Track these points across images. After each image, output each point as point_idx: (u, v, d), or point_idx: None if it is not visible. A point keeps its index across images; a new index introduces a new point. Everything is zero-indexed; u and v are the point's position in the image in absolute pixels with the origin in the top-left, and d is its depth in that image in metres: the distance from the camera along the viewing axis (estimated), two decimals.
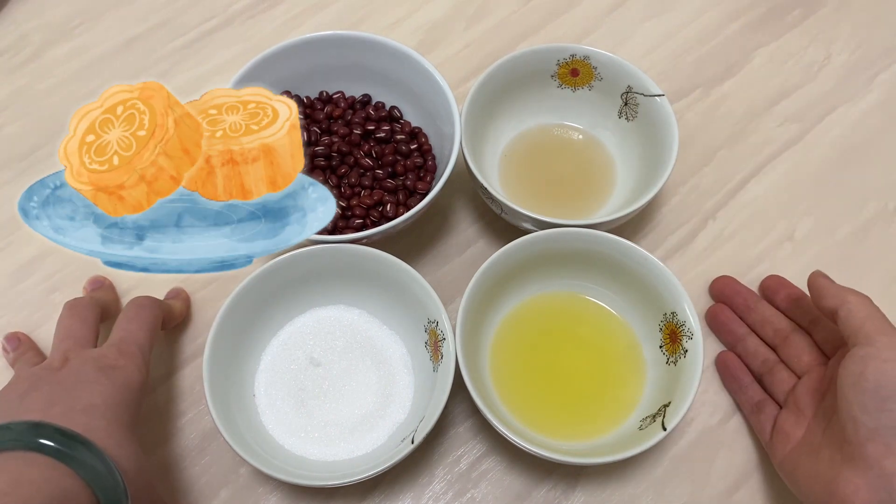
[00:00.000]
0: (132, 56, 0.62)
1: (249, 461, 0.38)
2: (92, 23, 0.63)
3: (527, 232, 0.45)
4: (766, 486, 0.45)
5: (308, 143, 0.50)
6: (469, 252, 0.53)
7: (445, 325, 0.42)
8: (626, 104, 0.52)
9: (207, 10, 0.64)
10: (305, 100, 0.53)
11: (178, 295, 0.50)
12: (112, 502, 0.34)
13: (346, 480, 0.39)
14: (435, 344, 0.43)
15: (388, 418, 0.44)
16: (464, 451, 0.46)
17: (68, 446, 0.33)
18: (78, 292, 0.50)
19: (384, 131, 0.51)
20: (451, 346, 0.41)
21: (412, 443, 0.39)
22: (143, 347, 0.43)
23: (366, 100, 0.54)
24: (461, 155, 0.48)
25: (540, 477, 0.45)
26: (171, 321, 0.48)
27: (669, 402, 0.41)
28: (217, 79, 0.60)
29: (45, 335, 0.49)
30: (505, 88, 0.52)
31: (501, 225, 0.53)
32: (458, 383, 0.41)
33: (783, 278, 0.49)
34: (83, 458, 0.33)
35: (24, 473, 0.32)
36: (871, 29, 0.63)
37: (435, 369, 0.43)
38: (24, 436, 0.33)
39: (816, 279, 0.43)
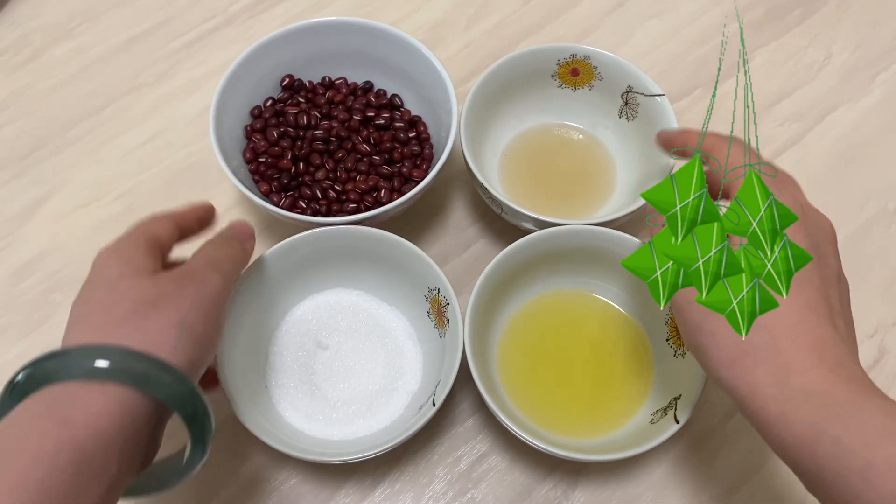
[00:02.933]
0: (132, 56, 0.62)
1: (281, 449, 0.39)
2: (92, 23, 0.63)
3: (527, 232, 0.45)
4: (766, 486, 0.45)
5: (307, 127, 0.51)
6: (469, 252, 0.53)
7: (447, 290, 0.42)
8: (626, 104, 0.52)
9: (207, 10, 0.64)
10: (308, 84, 0.54)
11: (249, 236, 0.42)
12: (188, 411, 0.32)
13: (374, 451, 0.39)
14: (439, 311, 0.44)
15: (400, 390, 0.45)
16: (464, 450, 0.46)
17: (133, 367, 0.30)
18: (77, 292, 0.49)
19: (384, 118, 0.52)
20: (457, 308, 0.42)
21: (433, 405, 0.40)
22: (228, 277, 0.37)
23: (367, 87, 0.54)
24: (461, 155, 0.48)
25: (540, 477, 0.45)
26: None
27: (680, 395, 0.41)
28: (217, 79, 0.60)
29: (45, 335, 0.49)
30: (505, 88, 0.52)
31: (501, 225, 0.53)
32: (463, 381, 0.41)
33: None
34: (155, 379, 0.31)
35: (96, 403, 0.29)
36: (871, 29, 0.63)
37: (442, 335, 0.44)
38: (82, 361, 0.30)
39: None
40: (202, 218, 0.41)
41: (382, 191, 0.49)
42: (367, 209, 0.48)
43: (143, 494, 0.34)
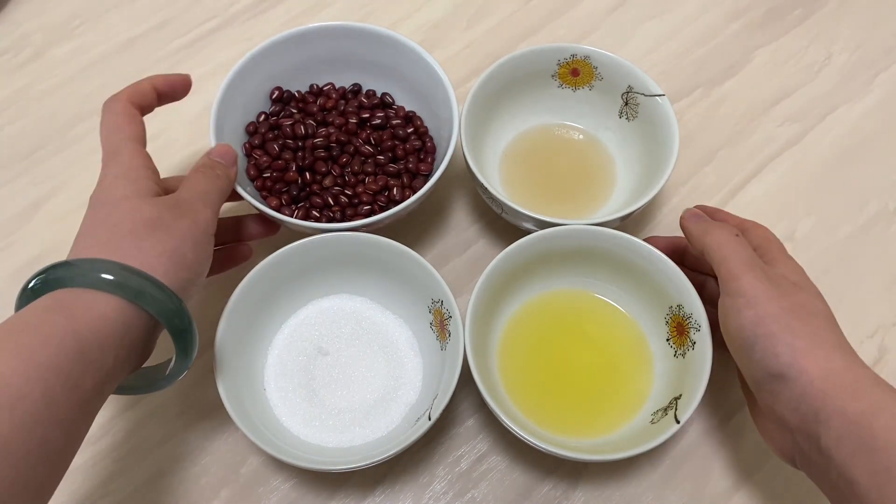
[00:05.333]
0: (132, 56, 0.62)
1: (271, 453, 0.39)
2: (92, 23, 0.63)
3: (528, 232, 0.45)
4: (766, 486, 0.45)
5: (305, 136, 0.51)
6: (469, 252, 0.53)
7: (451, 303, 0.42)
8: (626, 104, 0.52)
9: (208, 10, 0.64)
10: (297, 94, 0.53)
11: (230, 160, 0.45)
12: (174, 327, 0.35)
13: (366, 462, 0.39)
14: (441, 323, 0.44)
15: (399, 401, 0.45)
16: (465, 450, 0.46)
17: (127, 280, 0.34)
18: None
19: (379, 118, 0.52)
20: (458, 322, 0.41)
21: (429, 419, 0.40)
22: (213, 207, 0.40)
23: (356, 89, 0.54)
24: (462, 155, 0.48)
25: (541, 476, 0.45)
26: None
27: (681, 395, 0.41)
28: (217, 79, 0.60)
29: None
30: (505, 88, 0.52)
31: (502, 225, 0.53)
32: (463, 381, 0.41)
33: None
34: (143, 291, 0.34)
35: (97, 307, 0.33)
36: (872, 29, 0.63)
37: (443, 348, 0.43)
38: (89, 272, 0.34)
39: (683, 224, 0.43)
40: (164, 94, 0.45)
41: (394, 189, 0.49)
42: (382, 209, 0.48)
43: (132, 393, 0.38)
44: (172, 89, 0.45)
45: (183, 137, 0.58)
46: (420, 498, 0.45)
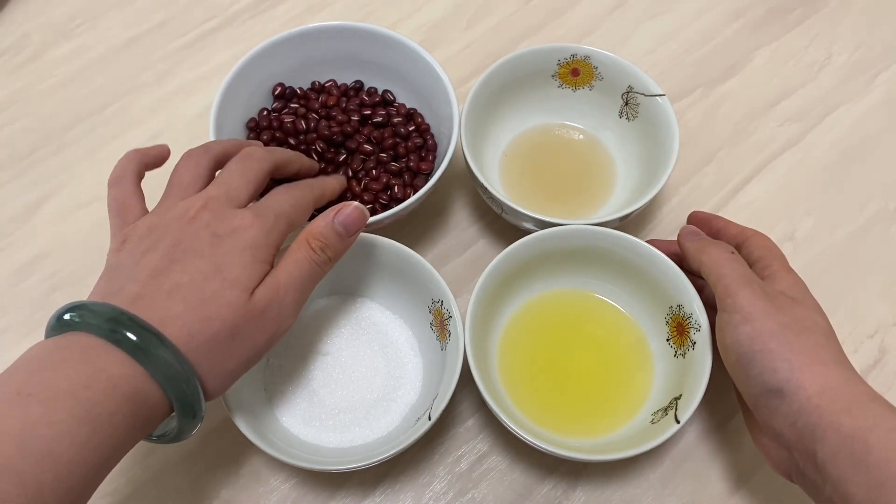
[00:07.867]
0: (132, 56, 0.62)
1: (271, 453, 0.39)
2: (92, 23, 0.63)
3: (528, 232, 0.45)
4: (766, 486, 0.45)
5: (307, 131, 0.51)
6: (469, 252, 0.53)
7: (451, 303, 0.42)
8: (626, 104, 0.52)
9: (208, 10, 0.64)
10: (299, 90, 0.53)
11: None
12: (186, 409, 0.33)
13: (366, 462, 0.39)
14: (441, 323, 0.44)
15: (399, 401, 0.45)
16: (465, 450, 0.46)
17: (146, 345, 0.31)
18: (78, 292, 0.49)
19: (381, 115, 0.52)
20: (458, 322, 0.41)
21: (429, 419, 0.40)
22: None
23: (358, 86, 0.54)
24: (462, 155, 0.48)
25: (541, 476, 0.45)
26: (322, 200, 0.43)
27: (681, 395, 0.41)
28: (217, 79, 0.60)
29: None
30: (506, 88, 0.52)
31: (502, 225, 0.53)
32: (463, 381, 0.41)
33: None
34: (160, 360, 0.32)
35: (104, 368, 0.31)
36: (872, 29, 0.63)
37: (443, 348, 0.43)
38: (105, 326, 0.32)
39: (680, 242, 0.44)
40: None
41: (395, 187, 0.49)
42: (384, 208, 0.48)
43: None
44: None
45: (183, 138, 0.57)
46: (420, 498, 0.45)
